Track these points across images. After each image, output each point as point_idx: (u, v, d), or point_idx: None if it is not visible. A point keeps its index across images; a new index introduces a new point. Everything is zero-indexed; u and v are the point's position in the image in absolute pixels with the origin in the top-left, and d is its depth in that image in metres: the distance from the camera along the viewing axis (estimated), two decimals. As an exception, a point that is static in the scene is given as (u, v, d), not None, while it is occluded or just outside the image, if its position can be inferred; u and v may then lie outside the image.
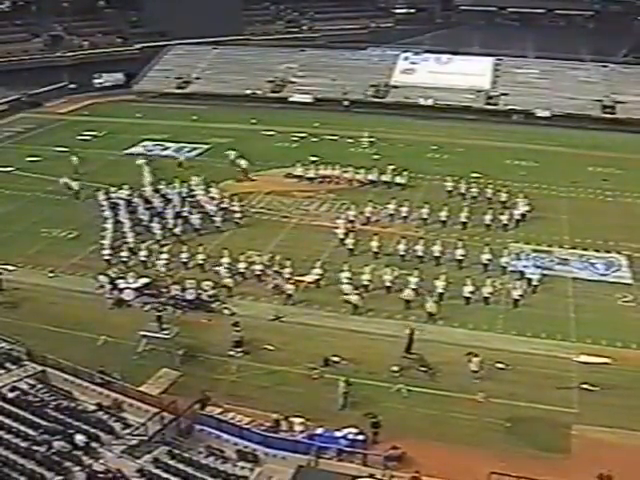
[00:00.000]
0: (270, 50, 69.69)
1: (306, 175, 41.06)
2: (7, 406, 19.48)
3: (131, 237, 32.25)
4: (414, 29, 74.22)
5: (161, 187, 37.76)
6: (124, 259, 30.57)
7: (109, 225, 33.45)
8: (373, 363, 23.76)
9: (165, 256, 30.30)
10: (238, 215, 35.30)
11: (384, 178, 40.13)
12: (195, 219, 34.36)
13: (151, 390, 21.73)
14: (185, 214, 34.85)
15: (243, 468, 18.02)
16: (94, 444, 18.04)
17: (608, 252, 32.36)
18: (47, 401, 19.95)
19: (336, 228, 33.38)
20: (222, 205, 36.12)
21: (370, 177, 40.35)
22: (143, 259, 30.59)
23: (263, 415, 20.63)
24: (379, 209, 35.71)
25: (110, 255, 30.82)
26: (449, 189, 38.76)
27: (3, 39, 66.24)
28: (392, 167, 40.58)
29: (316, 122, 54.00)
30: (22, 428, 18.46)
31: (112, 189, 37.43)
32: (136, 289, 27.78)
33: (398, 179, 40.01)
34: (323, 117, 55.91)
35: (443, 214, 34.72)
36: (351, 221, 34.28)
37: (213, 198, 36.78)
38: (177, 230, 33.39)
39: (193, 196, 37.12)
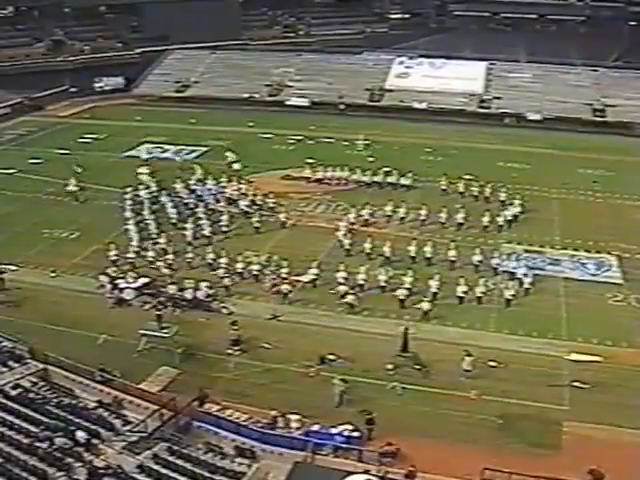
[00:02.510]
0: (267, 55, 69.96)
1: (313, 177, 41.46)
2: (10, 403, 19.72)
3: (163, 239, 32.13)
4: (409, 34, 74.69)
5: (191, 182, 37.97)
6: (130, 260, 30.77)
7: (131, 226, 33.39)
8: (368, 361, 24.05)
9: (171, 256, 30.61)
10: (283, 215, 35.42)
11: (389, 179, 40.68)
12: (224, 219, 34.32)
13: (151, 388, 21.97)
14: (220, 209, 35.01)
15: (241, 464, 18.22)
16: (95, 440, 18.29)
17: (599, 252, 32.75)
18: (49, 398, 20.18)
19: (336, 230, 33.69)
20: (256, 202, 36.40)
21: (375, 178, 40.88)
22: (150, 259, 30.79)
23: (260, 412, 20.90)
24: (375, 210, 36.16)
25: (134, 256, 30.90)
26: (443, 187, 39.32)
27: (6, 43, 66.56)
28: (387, 169, 41.04)
29: (312, 125, 54.38)
30: (24, 425, 18.68)
31: (140, 187, 37.85)
32: (136, 288, 28.05)
33: (403, 180, 40.53)
34: (319, 120, 56.25)
35: (440, 215, 35.00)
36: (352, 224, 34.66)
37: (245, 194, 36.89)
38: (206, 232, 33.38)
39: (224, 193, 37.31)
